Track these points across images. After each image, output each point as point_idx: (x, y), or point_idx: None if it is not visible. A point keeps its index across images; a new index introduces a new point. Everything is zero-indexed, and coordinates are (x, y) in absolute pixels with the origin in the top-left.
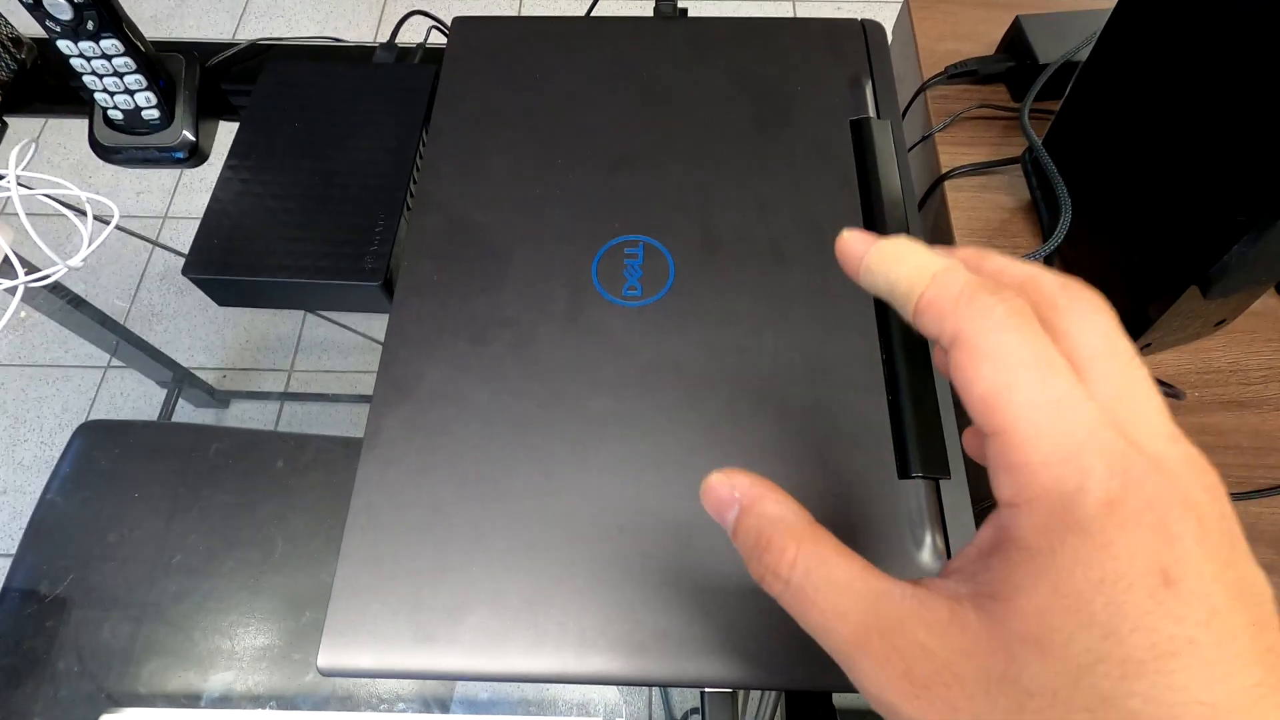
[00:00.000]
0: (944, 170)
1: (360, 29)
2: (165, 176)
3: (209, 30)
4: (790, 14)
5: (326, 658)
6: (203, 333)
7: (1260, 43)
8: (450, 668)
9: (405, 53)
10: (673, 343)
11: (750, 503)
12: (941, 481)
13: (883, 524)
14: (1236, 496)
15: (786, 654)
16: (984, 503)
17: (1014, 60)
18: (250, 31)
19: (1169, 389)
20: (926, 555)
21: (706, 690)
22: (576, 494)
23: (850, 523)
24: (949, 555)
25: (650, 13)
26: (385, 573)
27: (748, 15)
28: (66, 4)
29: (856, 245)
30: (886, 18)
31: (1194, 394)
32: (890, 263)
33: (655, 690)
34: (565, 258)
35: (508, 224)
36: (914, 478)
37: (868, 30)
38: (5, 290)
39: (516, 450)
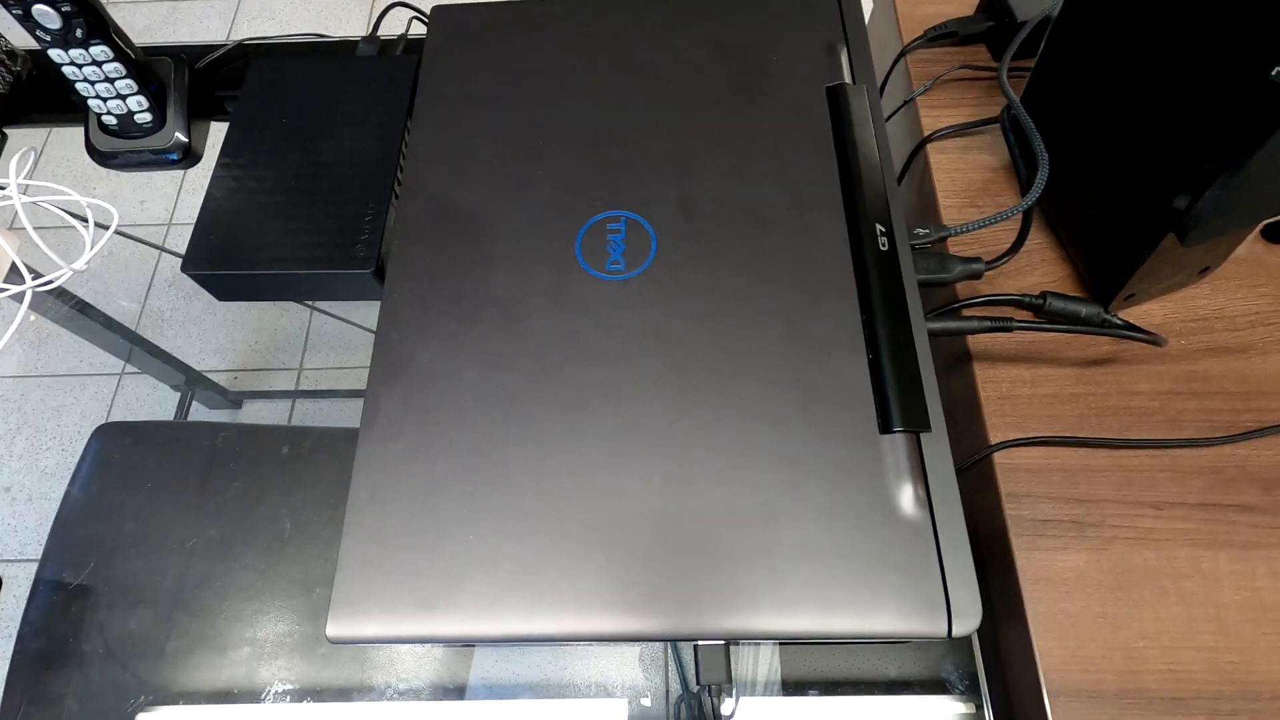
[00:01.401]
0: (926, 134)
1: (351, 27)
2: (167, 184)
3: (202, 37)
4: None
5: (335, 627)
6: (213, 335)
7: None
8: (452, 632)
9: (388, 45)
10: (657, 313)
11: None
12: (922, 435)
13: (866, 478)
14: (1225, 440)
15: (777, 607)
16: (966, 461)
17: (993, 19)
18: (242, 36)
19: (1149, 336)
20: (908, 507)
21: (700, 643)
22: (567, 462)
23: (834, 478)
24: (930, 506)
25: None
26: (387, 544)
27: None
28: (54, 13)
29: None
30: None
31: (1181, 342)
32: None
33: (671, 666)
34: (549, 236)
35: (493, 205)
36: (895, 432)
37: None
38: (12, 297)
39: (508, 423)
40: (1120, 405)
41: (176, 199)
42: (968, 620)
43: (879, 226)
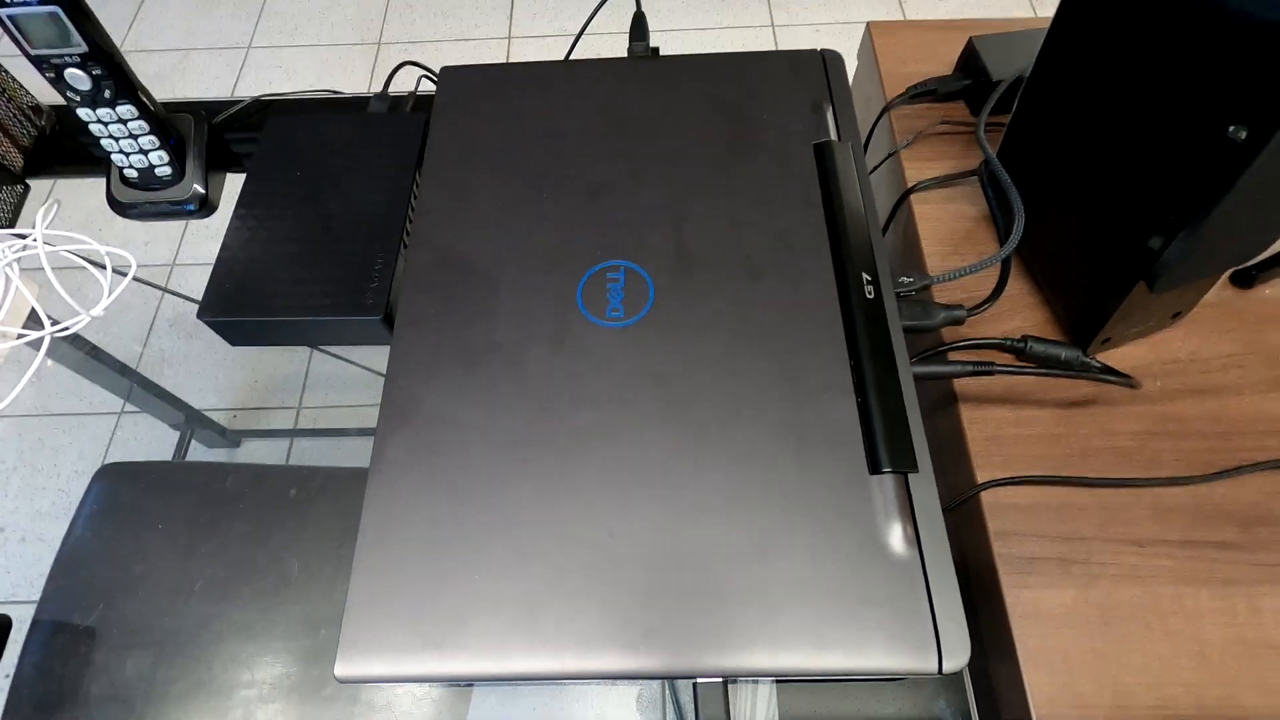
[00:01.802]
0: (909, 185)
1: (355, 76)
2: (172, 226)
3: (210, 83)
4: (771, 40)
5: (343, 667)
6: (213, 375)
7: (1177, 53)
8: (457, 672)
9: (398, 101)
10: (654, 358)
11: None
12: (910, 475)
13: (856, 517)
14: (1202, 479)
15: (772, 645)
16: (955, 500)
17: (970, 78)
18: (250, 83)
19: (1124, 379)
20: (898, 546)
21: (698, 681)
22: (568, 503)
23: (825, 518)
24: (919, 544)
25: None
26: (394, 586)
27: (723, 49)
28: (85, 75)
29: None
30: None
31: (1156, 384)
32: None
33: (669, 707)
34: (551, 285)
35: (497, 256)
36: (884, 473)
37: (827, 60)
38: (29, 344)
39: (511, 465)
40: (1102, 445)
41: (181, 240)
42: (957, 656)
43: (865, 275)
